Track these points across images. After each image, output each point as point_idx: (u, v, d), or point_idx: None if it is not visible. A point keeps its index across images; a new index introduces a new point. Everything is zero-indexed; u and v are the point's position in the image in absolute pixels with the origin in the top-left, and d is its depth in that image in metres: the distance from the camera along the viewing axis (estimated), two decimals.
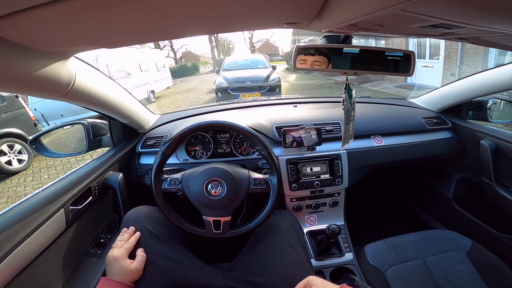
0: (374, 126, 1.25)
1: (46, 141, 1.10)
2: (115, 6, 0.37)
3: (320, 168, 1.12)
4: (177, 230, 0.84)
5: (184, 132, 0.84)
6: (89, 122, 1.09)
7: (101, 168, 0.99)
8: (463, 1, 0.30)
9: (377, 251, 0.99)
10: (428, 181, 1.57)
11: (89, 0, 0.35)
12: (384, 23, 0.43)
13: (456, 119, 1.34)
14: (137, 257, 0.71)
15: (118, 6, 0.38)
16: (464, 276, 0.87)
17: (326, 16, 0.46)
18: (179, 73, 18.71)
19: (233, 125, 0.87)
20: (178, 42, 26.03)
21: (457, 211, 1.37)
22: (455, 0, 0.29)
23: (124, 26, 0.46)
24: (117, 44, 0.57)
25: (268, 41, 33.81)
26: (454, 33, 0.46)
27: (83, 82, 0.72)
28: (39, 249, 0.70)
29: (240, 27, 0.58)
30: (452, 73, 6.27)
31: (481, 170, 1.20)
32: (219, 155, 1.17)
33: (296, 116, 1.25)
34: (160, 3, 0.39)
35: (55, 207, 0.75)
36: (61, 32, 0.46)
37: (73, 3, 0.35)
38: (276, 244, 0.82)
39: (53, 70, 0.59)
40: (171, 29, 0.53)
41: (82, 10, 0.38)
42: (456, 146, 1.31)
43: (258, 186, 0.84)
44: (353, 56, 0.68)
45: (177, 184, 0.83)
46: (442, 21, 0.37)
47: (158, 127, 1.28)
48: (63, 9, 0.36)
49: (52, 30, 0.44)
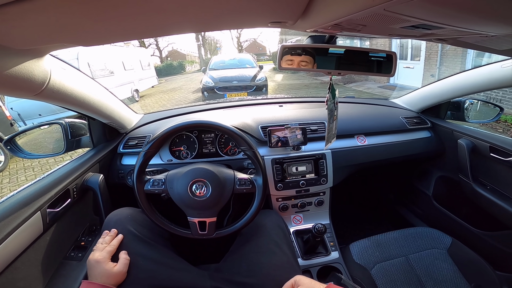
0: (358, 126, 1.27)
1: (22, 141, 1.06)
2: (91, 2, 0.36)
3: (305, 167, 1.13)
4: (161, 232, 0.83)
5: (168, 132, 0.82)
6: (67, 122, 1.05)
7: (80, 170, 0.95)
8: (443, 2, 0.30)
9: (362, 249, 1.00)
10: (410, 180, 1.62)
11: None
12: (367, 23, 0.43)
13: (435, 119, 1.39)
14: (120, 259, 0.69)
15: (94, 2, 0.36)
16: (446, 273, 0.90)
17: (310, 16, 0.46)
18: (164, 72, 18.41)
19: (217, 125, 0.86)
20: (164, 41, 25.59)
21: (436, 209, 1.41)
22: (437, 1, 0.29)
23: (102, 23, 0.44)
24: (95, 42, 0.55)
25: (255, 41, 33.87)
26: (433, 34, 0.47)
27: (59, 81, 0.69)
28: (15, 253, 0.68)
29: (224, 26, 0.57)
30: (432, 74, 6.51)
31: (459, 168, 1.24)
32: (204, 155, 1.15)
33: (281, 116, 1.26)
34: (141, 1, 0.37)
35: (31, 210, 0.73)
36: (34, 29, 0.44)
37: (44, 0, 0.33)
38: (262, 244, 0.82)
39: (26, 68, 0.57)
40: (152, 27, 0.51)
41: (55, 7, 0.36)
42: (435, 145, 1.35)
43: (244, 186, 0.83)
44: (338, 56, 0.68)
45: (160, 185, 0.81)
46: (423, 21, 0.37)
47: (141, 127, 1.25)
48: (36, 6, 0.34)
49: (24, 27, 0.42)
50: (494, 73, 1.01)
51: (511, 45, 0.59)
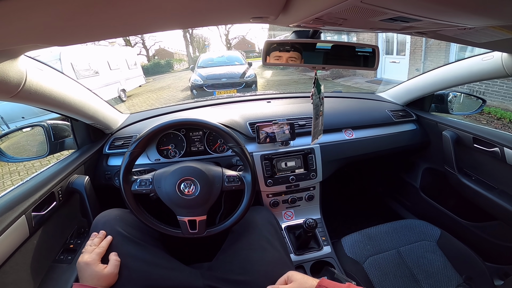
0: (345, 120, 1.28)
1: (5, 145, 1.03)
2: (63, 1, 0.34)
3: (294, 162, 1.13)
4: (151, 232, 0.82)
5: (153, 131, 0.81)
6: (49, 124, 1.02)
7: (64, 172, 0.93)
8: None
9: (353, 243, 1.01)
10: (398, 173, 1.64)
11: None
12: (347, 17, 0.44)
13: (420, 111, 1.41)
14: (110, 261, 0.68)
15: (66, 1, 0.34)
16: (436, 265, 0.91)
17: (291, 10, 0.46)
18: (152, 71, 18.10)
19: (204, 122, 0.85)
20: (150, 39, 25.13)
21: (425, 201, 1.44)
22: None
23: (76, 22, 0.42)
24: (69, 42, 0.53)
25: (244, 38, 33.71)
26: (413, 27, 0.48)
27: (36, 82, 0.67)
28: (2, 257, 0.67)
29: (206, 22, 0.56)
30: (417, 68, 6.64)
31: (444, 159, 1.27)
32: (192, 153, 1.14)
33: (269, 112, 1.26)
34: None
35: (15, 214, 0.72)
36: (4, 30, 0.42)
37: None
38: (254, 241, 0.82)
39: (0, 70, 0.55)
40: (130, 25, 0.49)
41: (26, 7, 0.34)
42: (421, 137, 1.38)
43: (232, 183, 0.83)
44: (325, 52, 0.69)
45: (147, 185, 0.80)
46: (399, 13, 0.38)
47: (127, 127, 1.23)
48: (5, 6, 0.33)
49: None
50: (475, 66, 1.03)
51: (489, 38, 0.61)
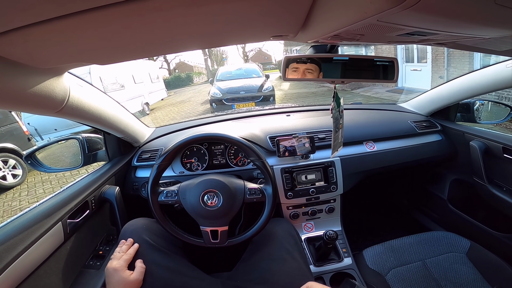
0: (366, 132, 1.27)
1: (41, 156, 1.10)
2: (106, 24, 0.39)
3: (314, 175, 1.14)
4: (175, 241, 0.85)
5: (179, 145, 0.85)
6: (83, 137, 1.10)
7: (97, 182, 0.99)
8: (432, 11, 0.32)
9: (376, 255, 0.99)
10: (423, 184, 1.59)
11: (81, 18, 0.36)
12: (364, 33, 0.45)
13: (445, 121, 1.37)
14: (136, 268, 0.71)
15: (108, 25, 0.39)
16: (466, 277, 0.88)
17: (310, 28, 0.49)
18: (173, 84, 18.76)
19: (226, 137, 0.88)
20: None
21: (453, 212, 1.38)
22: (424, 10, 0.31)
23: (115, 43, 0.48)
24: (109, 61, 0.59)
25: (260, 50, 34.25)
26: (430, 39, 0.48)
27: (77, 98, 0.73)
28: (38, 261, 0.71)
29: (229, 42, 0.60)
30: (441, 76, 6.41)
31: (473, 170, 1.22)
32: (214, 166, 1.18)
33: (289, 125, 1.27)
34: (149, 22, 0.40)
35: (52, 221, 0.76)
36: (54, 49, 0.47)
37: (65, 22, 0.36)
38: (274, 251, 0.83)
39: (48, 86, 0.60)
40: (160, 46, 0.54)
41: (74, 28, 0.39)
42: (447, 148, 1.33)
43: (254, 195, 0.85)
44: (343, 63, 0.70)
45: (173, 196, 0.84)
46: (416, 29, 0.39)
47: (153, 140, 1.29)
48: (56, 27, 0.37)
49: (46, 47, 0.45)
50: (500, 73, 1.00)
51: (510, 46, 0.60)
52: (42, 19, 0.35)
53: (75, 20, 0.36)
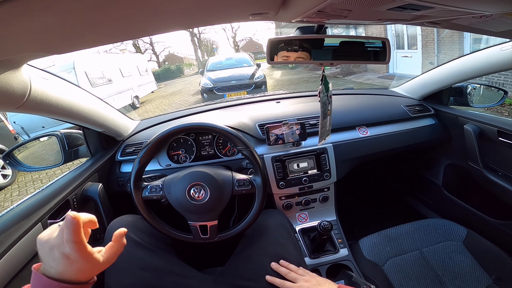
0: (358, 117, 1.24)
1: (23, 155, 1.07)
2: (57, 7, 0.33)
3: (307, 163, 1.10)
4: (164, 238, 0.82)
5: (161, 137, 0.81)
6: (62, 133, 1.05)
7: (78, 180, 0.95)
8: None
9: (372, 245, 0.98)
10: (418, 170, 1.58)
11: (24, 3, 0.30)
12: (352, 8, 0.41)
13: (438, 105, 1.35)
14: None
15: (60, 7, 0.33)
16: (464, 266, 0.87)
17: (291, 4, 0.44)
18: (163, 77, 18.48)
19: (211, 126, 0.84)
20: (160, 45, 25.75)
21: (448, 199, 1.37)
22: None
23: (72, 29, 0.42)
24: (68, 49, 0.52)
25: (251, 39, 33.87)
26: (424, 15, 0.44)
27: (41, 91, 0.67)
28: (21, 263, 0.69)
29: (205, 22, 0.55)
30: (431, 62, 6.43)
31: (467, 155, 1.21)
32: (202, 157, 1.13)
33: (279, 112, 1.23)
34: None
35: (31, 222, 0.73)
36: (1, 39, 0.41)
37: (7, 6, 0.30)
38: (266, 245, 0.80)
39: (2, 80, 0.55)
40: (126, 28, 0.48)
41: (17, 14, 0.33)
42: (441, 132, 1.31)
43: (243, 187, 0.82)
44: (334, 48, 0.66)
45: (158, 191, 0.80)
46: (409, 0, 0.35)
47: (138, 133, 1.24)
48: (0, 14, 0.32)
49: None
50: (494, 57, 0.98)
51: (508, 26, 0.57)
52: None
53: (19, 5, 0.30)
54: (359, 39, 0.67)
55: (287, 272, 0.72)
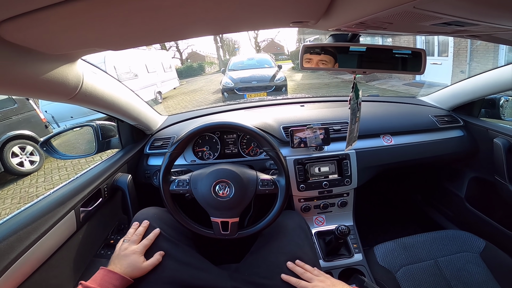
0: (383, 125, 1.23)
1: (56, 143, 1.11)
2: (117, 8, 0.37)
3: (328, 168, 1.11)
4: (185, 231, 0.84)
5: (191, 133, 0.84)
6: (98, 124, 1.10)
7: (110, 170, 0.99)
8: None
9: (387, 251, 0.97)
10: (440, 181, 1.54)
11: (90, 2, 0.34)
12: (394, 21, 0.42)
13: (468, 117, 1.31)
14: (153, 258, 0.70)
15: (120, 8, 0.37)
16: (477, 277, 0.85)
17: (333, 15, 0.45)
18: (185, 74, 18.85)
19: (240, 125, 0.86)
20: (183, 43, 26.24)
21: (469, 211, 1.33)
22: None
23: (129, 27, 0.46)
24: (123, 46, 0.57)
25: (273, 40, 33.79)
26: (467, 30, 0.44)
27: (90, 85, 0.72)
28: (50, 251, 0.71)
29: (246, 27, 0.57)
30: (462, 70, 6.14)
31: (494, 169, 1.17)
32: (226, 155, 1.17)
33: (303, 116, 1.24)
34: (163, 4, 0.38)
35: (66, 209, 0.76)
36: (66, 34, 0.46)
37: (74, 6, 0.34)
38: (283, 245, 0.81)
39: (61, 73, 0.59)
40: (175, 30, 0.52)
41: (84, 12, 0.37)
42: (469, 144, 1.27)
43: (266, 187, 0.83)
44: (359, 54, 0.66)
45: (185, 185, 0.83)
46: (456, 18, 0.35)
47: (166, 128, 1.29)
48: (66, 12, 0.36)
49: (56, 33, 0.44)
50: None
51: None
52: (49, 3, 0.33)
53: (84, 4, 0.34)
54: (397, 49, 0.66)
55: (303, 272, 0.72)
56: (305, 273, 0.72)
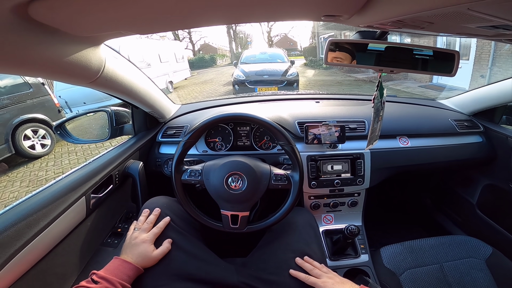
0: (400, 126, 1.20)
1: (70, 127, 1.12)
2: None
3: (341, 166, 1.09)
4: (193, 223, 0.83)
5: (207, 123, 0.83)
6: (112, 110, 1.11)
7: (122, 156, 0.99)
8: None
9: (393, 254, 0.96)
10: (451, 186, 1.51)
11: None
12: (435, 21, 0.39)
13: (489, 123, 1.27)
14: (163, 246, 0.70)
15: None
16: (480, 284, 0.85)
17: (370, 11, 0.43)
18: (196, 65, 18.89)
19: (256, 118, 0.85)
20: (196, 34, 26.23)
21: (479, 218, 1.31)
22: None
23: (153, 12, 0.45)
24: (148, 31, 0.57)
25: (286, 36, 33.41)
26: (510, 34, 0.41)
27: (111, 70, 0.72)
28: (58, 238, 0.70)
29: (277, 17, 0.55)
30: (482, 75, 5.94)
31: (510, 177, 1.14)
32: (238, 147, 1.16)
33: (319, 112, 1.22)
34: None
35: (76, 195, 0.75)
36: (95, 16, 0.45)
37: None
38: (292, 242, 0.81)
39: (84, 56, 0.59)
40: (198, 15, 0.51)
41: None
42: (486, 151, 1.24)
43: (279, 182, 0.82)
44: (378, 53, 0.63)
45: (197, 176, 0.82)
46: (507, 22, 0.33)
47: (179, 117, 1.29)
48: None
49: (87, 14, 0.44)
50: None
51: None
52: None
53: None
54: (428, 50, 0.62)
55: (312, 268, 0.72)
56: (314, 269, 0.72)
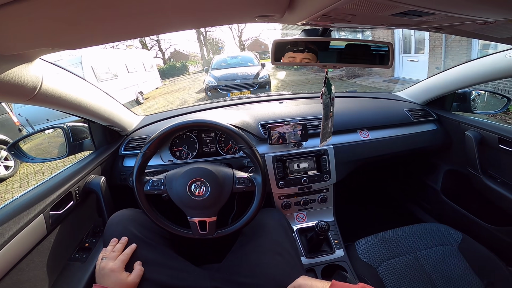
0: (360, 120, 1.25)
1: (27, 146, 1.07)
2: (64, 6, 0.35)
3: (307, 164, 1.11)
4: (162, 232, 0.83)
5: (165, 132, 0.82)
6: (68, 126, 1.06)
7: (81, 172, 0.96)
8: None
9: (368, 246, 0.98)
10: (417, 174, 1.58)
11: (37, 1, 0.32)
12: (355, 12, 0.42)
13: (441, 111, 1.35)
14: (135, 270, 0.69)
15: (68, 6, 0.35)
16: (457, 270, 0.87)
17: (297, 8, 0.45)
18: (168, 74, 18.55)
19: (215, 123, 0.85)
20: (166, 42, 25.81)
21: (446, 204, 1.38)
22: None
23: (80, 26, 0.44)
24: (80, 45, 0.54)
25: (257, 39, 33.82)
26: (427, 21, 0.45)
27: (52, 85, 0.69)
28: (19, 255, 0.69)
29: (212, 22, 0.56)
30: (438, 67, 6.38)
31: (467, 161, 1.21)
32: (204, 154, 1.15)
33: (281, 112, 1.24)
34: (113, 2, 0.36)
35: (33, 213, 0.74)
36: (16, 34, 0.43)
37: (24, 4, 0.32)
38: (264, 243, 0.81)
39: (16, 73, 0.56)
40: (134, 27, 0.50)
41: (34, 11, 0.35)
42: (442, 137, 1.32)
43: (243, 185, 0.82)
44: (339, 51, 0.67)
45: (159, 185, 0.81)
46: (411, 7, 0.36)
47: (142, 129, 1.25)
48: (17, 10, 0.34)
49: (5, 32, 0.41)
50: (498, 63, 0.98)
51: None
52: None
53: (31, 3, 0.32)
54: (363, 42, 0.67)
55: None
56: None
